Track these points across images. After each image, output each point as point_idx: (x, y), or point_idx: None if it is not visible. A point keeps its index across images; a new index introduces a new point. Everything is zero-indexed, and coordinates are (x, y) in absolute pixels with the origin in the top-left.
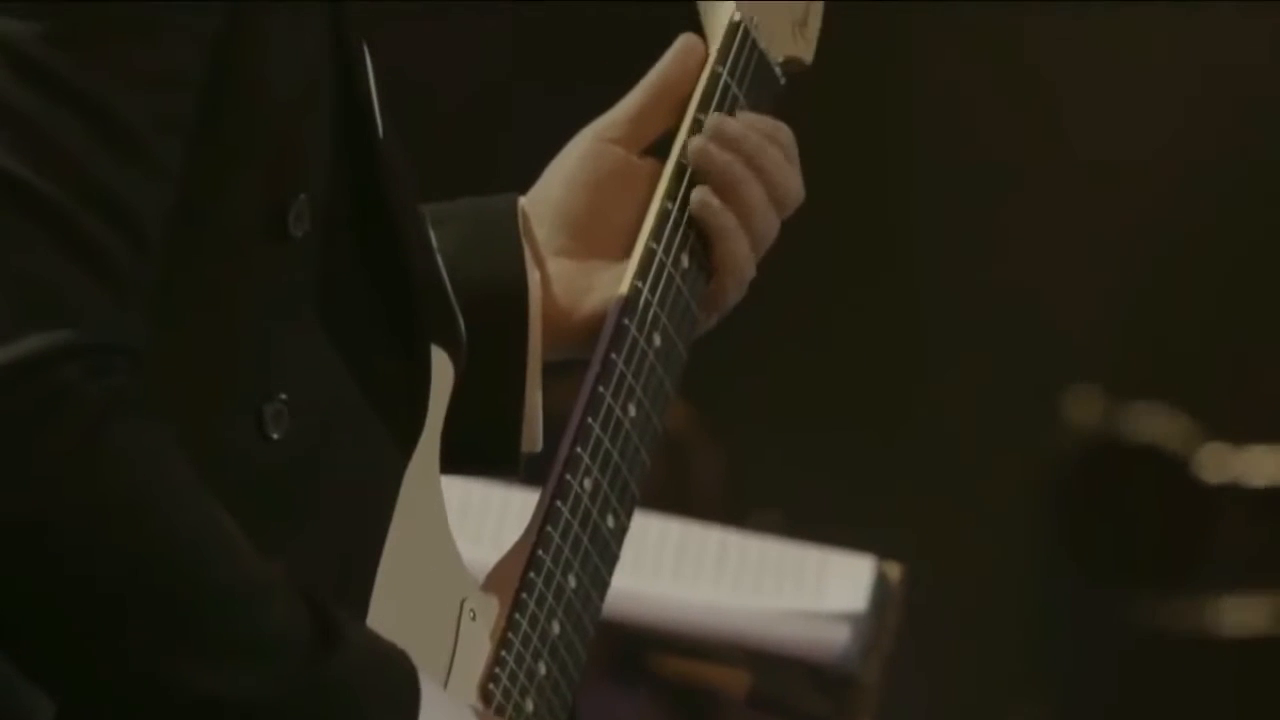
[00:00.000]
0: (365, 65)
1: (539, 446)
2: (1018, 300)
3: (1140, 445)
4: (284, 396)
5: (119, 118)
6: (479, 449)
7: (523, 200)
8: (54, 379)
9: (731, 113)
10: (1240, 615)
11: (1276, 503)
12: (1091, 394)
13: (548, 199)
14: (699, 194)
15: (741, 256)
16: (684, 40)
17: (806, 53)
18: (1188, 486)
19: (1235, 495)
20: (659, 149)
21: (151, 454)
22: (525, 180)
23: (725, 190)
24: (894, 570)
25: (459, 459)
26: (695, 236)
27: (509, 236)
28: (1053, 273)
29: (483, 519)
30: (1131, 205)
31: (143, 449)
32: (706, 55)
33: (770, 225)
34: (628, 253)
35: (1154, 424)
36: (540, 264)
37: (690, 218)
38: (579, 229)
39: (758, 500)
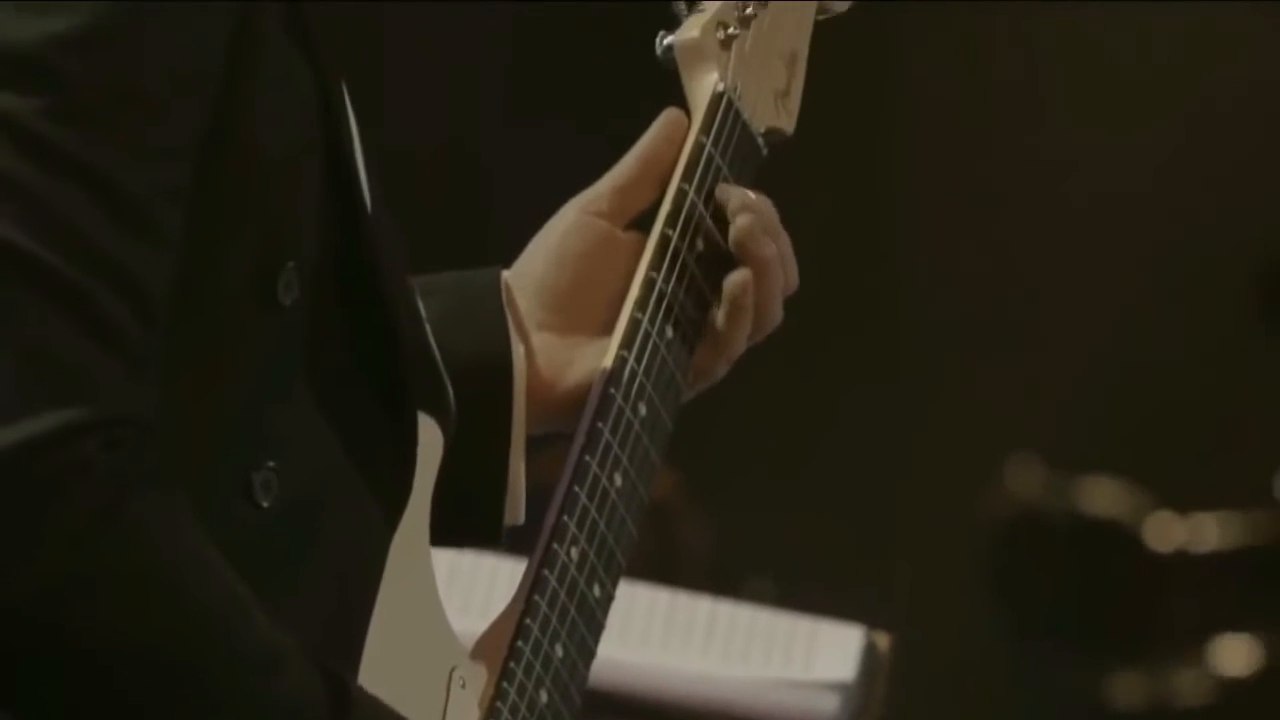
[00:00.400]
0: (352, 135)
1: (521, 519)
2: (1007, 367)
3: (1087, 514)
4: (272, 464)
5: (123, 190)
6: (461, 521)
7: (506, 273)
8: (72, 454)
9: (714, 188)
10: (1191, 683)
11: (1224, 569)
12: (1032, 461)
13: (530, 272)
14: (742, 276)
15: (743, 340)
16: (668, 115)
17: (788, 124)
18: (1135, 555)
19: (1183, 563)
20: (643, 222)
21: (170, 526)
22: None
23: (758, 275)
24: (883, 640)
25: (440, 530)
26: (680, 308)
27: (493, 310)
28: (1039, 350)
29: (471, 588)
30: (1073, 276)
31: (161, 522)
32: (690, 126)
33: (779, 314)
34: (610, 326)
35: (1100, 493)
36: (524, 338)
37: (675, 288)
38: (561, 302)
39: (748, 569)
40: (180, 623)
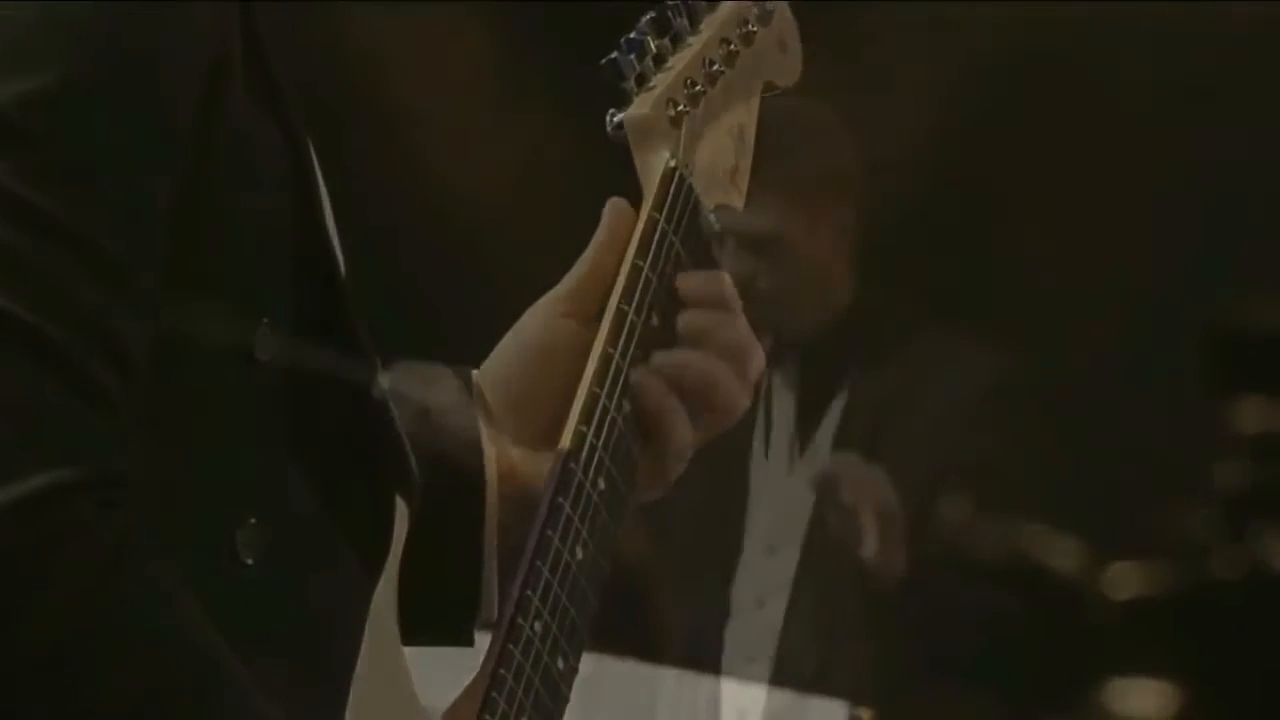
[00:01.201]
0: (321, 201)
1: (494, 617)
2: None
3: (1012, 561)
4: (255, 521)
5: (102, 248)
6: (433, 619)
7: (475, 374)
8: (66, 515)
9: (668, 264)
10: None
11: (1143, 616)
12: (961, 504)
13: (494, 372)
14: (681, 357)
15: (686, 444)
16: (613, 205)
17: (738, 201)
18: (1059, 601)
19: (1104, 609)
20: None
21: (167, 589)
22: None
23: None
24: (866, 715)
25: (411, 629)
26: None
27: (465, 408)
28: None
29: (457, 665)
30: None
31: (160, 584)
32: (641, 203)
33: (746, 400)
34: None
35: (1028, 539)
36: (495, 437)
37: (631, 363)
38: (521, 399)
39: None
40: (172, 687)
